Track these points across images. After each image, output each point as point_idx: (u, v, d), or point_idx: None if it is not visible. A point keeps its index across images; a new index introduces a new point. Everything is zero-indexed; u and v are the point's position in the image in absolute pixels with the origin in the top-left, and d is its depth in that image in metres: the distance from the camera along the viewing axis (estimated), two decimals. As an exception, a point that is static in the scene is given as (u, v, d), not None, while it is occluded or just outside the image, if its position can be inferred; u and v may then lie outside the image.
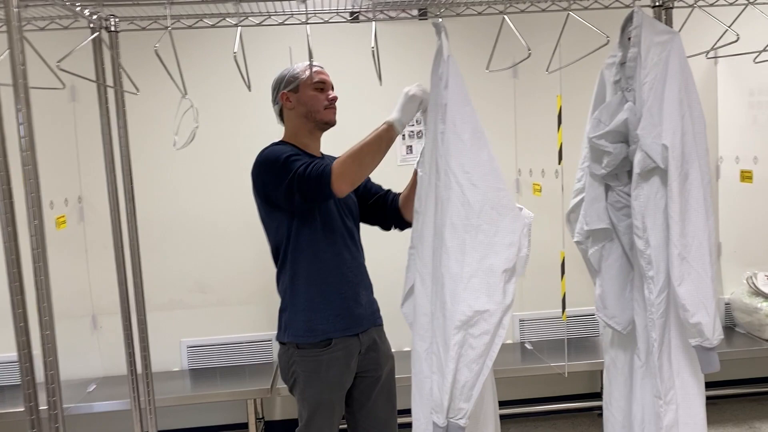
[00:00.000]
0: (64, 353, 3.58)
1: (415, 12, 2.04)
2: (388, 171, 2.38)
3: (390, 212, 2.26)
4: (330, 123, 2.18)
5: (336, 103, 2.17)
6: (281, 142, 2.18)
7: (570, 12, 1.85)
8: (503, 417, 3.91)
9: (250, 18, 2.06)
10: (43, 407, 1.58)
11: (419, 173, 1.88)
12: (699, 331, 1.69)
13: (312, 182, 1.92)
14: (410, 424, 1.90)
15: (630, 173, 1.84)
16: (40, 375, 1.54)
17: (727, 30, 1.92)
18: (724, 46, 2.03)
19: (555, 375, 3.49)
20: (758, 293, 3.72)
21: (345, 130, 2.25)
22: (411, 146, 3.71)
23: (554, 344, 3.82)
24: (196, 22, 2.06)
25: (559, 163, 3.41)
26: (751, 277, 3.79)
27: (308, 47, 1.78)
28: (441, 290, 1.69)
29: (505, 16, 1.84)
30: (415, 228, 1.85)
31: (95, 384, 3.60)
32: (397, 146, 3.69)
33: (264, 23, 2.09)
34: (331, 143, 2.28)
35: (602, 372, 2.17)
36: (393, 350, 2.34)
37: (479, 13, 2.10)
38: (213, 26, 2.01)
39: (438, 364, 1.70)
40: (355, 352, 2.19)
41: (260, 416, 3.87)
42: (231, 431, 3.86)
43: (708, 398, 3.93)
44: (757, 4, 2.01)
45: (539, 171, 3.78)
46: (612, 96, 1.93)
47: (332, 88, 2.18)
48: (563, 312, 3.45)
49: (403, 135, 3.69)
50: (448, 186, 1.68)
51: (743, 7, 1.98)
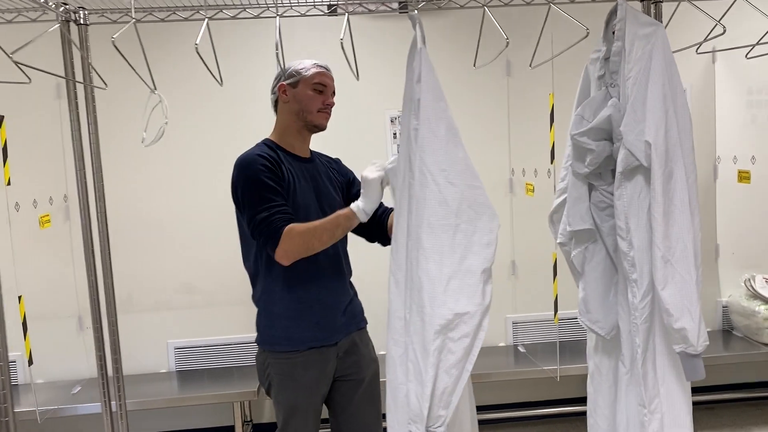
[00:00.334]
0: (50, 354, 3.57)
1: (396, 5, 1.96)
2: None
3: (376, 226, 2.21)
4: (319, 127, 2.14)
5: (330, 110, 2.13)
6: (265, 145, 2.12)
7: (552, 4, 1.78)
8: (495, 421, 3.89)
9: (224, 11, 1.99)
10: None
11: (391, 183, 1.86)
12: (683, 337, 1.62)
13: (261, 238, 1.98)
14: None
15: (614, 172, 1.76)
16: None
17: (717, 24, 1.84)
18: (710, 40, 1.95)
19: (548, 378, 3.43)
20: (756, 296, 3.64)
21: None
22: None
23: (548, 347, 3.75)
24: (169, 15, 1.99)
25: (552, 163, 3.34)
26: (749, 280, 3.71)
27: (278, 41, 1.72)
28: (418, 294, 1.62)
29: (486, 9, 1.76)
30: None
31: (80, 386, 3.55)
32: (388, 147, 3.63)
33: (238, 17, 2.02)
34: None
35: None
36: (380, 352, 2.28)
37: (461, 6, 2.03)
38: (186, 19, 1.94)
39: (415, 372, 1.63)
40: (332, 357, 2.13)
41: (248, 419, 3.82)
42: (217, 434, 3.81)
43: (704, 403, 3.95)
44: (748, -3, 1.93)
45: (532, 170, 3.71)
46: (596, 92, 1.86)
47: (333, 94, 2.14)
48: (555, 315, 3.38)
49: (394, 134, 3.62)
50: (424, 184, 1.61)
51: (733, 0, 1.90)
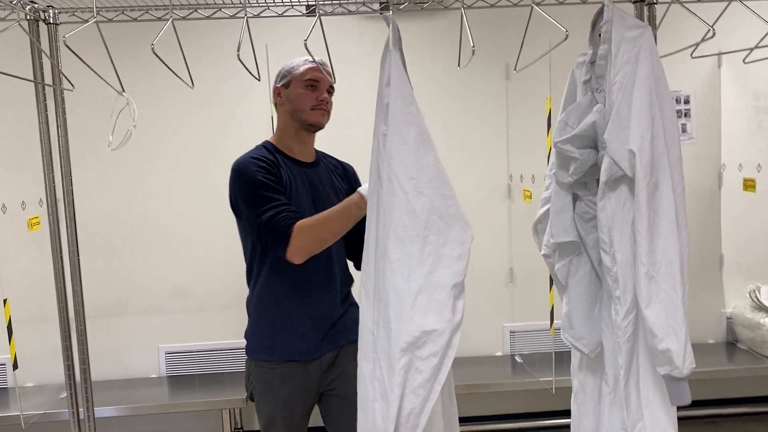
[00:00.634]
0: (41, 357, 3.53)
1: (377, 6, 1.88)
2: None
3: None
4: (316, 125, 2.04)
5: (328, 106, 2.04)
6: (263, 147, 2.06)
7: (534, 5, 1.69)
8: (491, 432, 3.82)
9: (199, 11, 1.93)
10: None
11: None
12: (668, 359, 1.52)
13: (269, 239, 1.88)
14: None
15: (600, 181, 1.67)
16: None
17: (710, 28, 1.75)
18: (698, 44, 1.86)
19: (544, 390, 3.34)
20: (761, 308, 3.53)
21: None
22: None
23: (546, 357, 3.67)
24: (142, 15, 1.93)
25: (549, 169, 3.26)
26: (755, 291, 3.60)
27: (251, 43, 1.64)
28: (385, 309, 1.54)
29: (463, 11, 1.67)
30: None
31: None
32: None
33: (213, 17, 1.95)
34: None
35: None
36: None
37: (445, 8, 1.95)
38: (159, 19, 1.87)
39: (381, 391, 1.54)
40: (315, 371, 2.06)
41: (239, 425, 3.76)
42: (207, 441, 3.76)
43: (708, 417, 3.84)
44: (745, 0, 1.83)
45: (530, 176, 3.62)
46: (582, 97, 1.77)
47: (330, 89, 2.04)
48: (551, 325, 3.28)
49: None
50: (392, 193, 1.52)
51: (727, 3, 1.81)
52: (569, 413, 2.01)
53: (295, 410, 2.08)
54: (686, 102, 3.68)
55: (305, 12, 1.91)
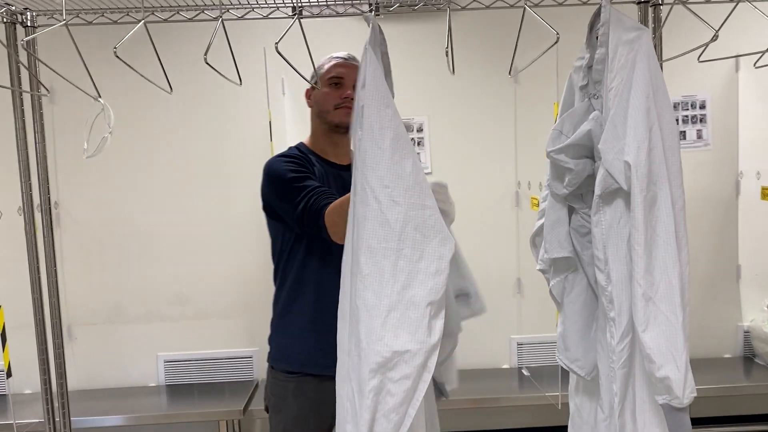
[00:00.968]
0: (37, 365, 3.48)
1: (366, 8, 1.80)
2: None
3: None
4: (341, 126, 1.92)
5: (352, 103, 1.89)
6: (295, 148, 2.00)
7: (527, 7, 1.59)
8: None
9: (181, 13, 1.85)
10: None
11: None
12: (666, 387, 1.40)
13: (310, 227, 1.79)
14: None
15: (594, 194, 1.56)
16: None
17: (715, 33, 1.63)
18: (705, 47, 1.74)
19: (550, 405, 3.22)
20: (780, 322, 3.39)
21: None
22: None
23: (553, 371, 3.54)
24: (122, 17, 1.86)
25: (557, 176, 3.15)
26: (773, 304, 3.46)
27: (229, 46, 1.56)
28: (356, 325, 1.43)
29: (449, 12, 1.58)
30: None
31: (65, 398, 3.46)
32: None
33: (195, 19, 1.88)
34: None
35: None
36: None
37: (437, 9, 1.85)
38: (141, 21, 1.80)
39: (353, 413, 1.44)
40: (332, 390, 1.95)
41: (237, 438, 3.68)
42: (204, 453, 3.69)
43: None
44: (755, 0, 1.71)
45: (537, 184, 3.51)
46: (579, 103, 1.66)
47: (354, 86, 1.86)
48: (558, 338, 3.17)
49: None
50: (365, 202, 1.42)
51: (735, 5, 1.69)
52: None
53: (308, 429, 1.99)
54: (702, 107, 3.54)
55: (291, 14, 1.83)
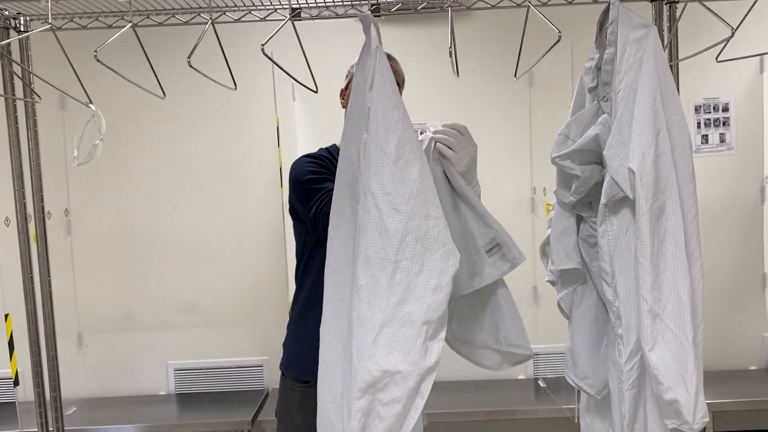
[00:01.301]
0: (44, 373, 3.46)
1: (366, 9, 1.73)
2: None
3: None
4: None
5: None
6: (325, 149, 1.98)
7: (530, 6, 1.51)
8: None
9: (177, 16, 1.80)
10: None
11: None
12: (675, 411, 1.30)
13: (323, 231, 1.69)
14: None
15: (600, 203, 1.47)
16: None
17: (732, 31, 1.54)
18: (715, 46, 1.64)
19: (566, 418, 3.12)
20: (808, 333, 3.24)
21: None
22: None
23: (571, 382, 3.44)
24: (117, 21, 1.82)
25: (573, 182, 3.05)
26: (801, 315, 3.32)
27: (221, 48, 1.51)
28: (350, 340, 1.35)
29: (450, 10, 1.50)
30: None
31: (75, 406, 3.43)
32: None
33: (191, 22, 1.83)
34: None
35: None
36: None
37: (441, 9, 1.78)
38: (135, 25, 1.75)
39: (340, 433, 1.36)
40: None
41: (249, 448, 3.62)
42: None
43: None
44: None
45: (553, 190, 3.41)
46: (588, 106, 1.57)
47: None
48: (574, 349, 3.06)
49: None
50: (365, 209, 1.33)
51: (754, 1, 1.59)
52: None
53: None
54: (725, 110, 3.42)
55: (290, 16, 1.77)
